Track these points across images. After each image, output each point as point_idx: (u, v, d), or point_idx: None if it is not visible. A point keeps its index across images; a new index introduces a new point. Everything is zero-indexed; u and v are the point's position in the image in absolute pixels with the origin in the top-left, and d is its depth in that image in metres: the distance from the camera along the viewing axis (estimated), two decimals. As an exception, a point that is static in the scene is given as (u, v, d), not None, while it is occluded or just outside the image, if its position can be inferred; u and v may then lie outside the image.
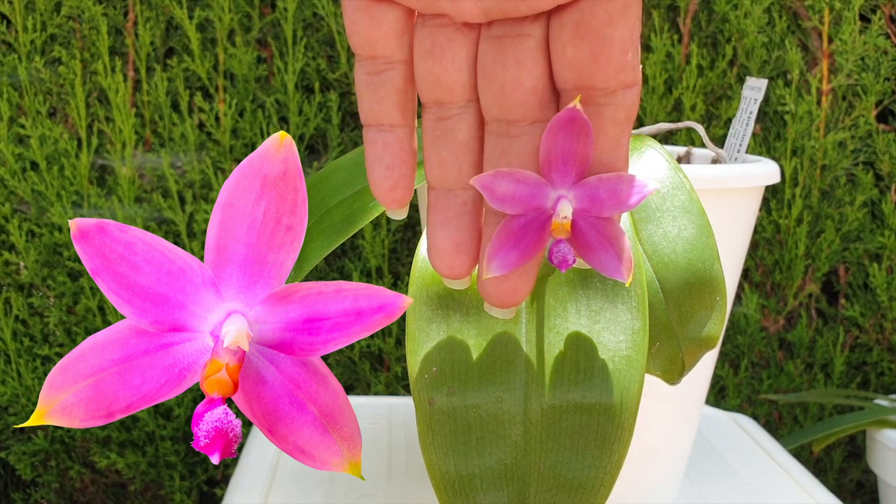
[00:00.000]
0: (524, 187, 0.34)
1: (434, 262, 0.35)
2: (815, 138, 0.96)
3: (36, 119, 0.95)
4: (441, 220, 0.35)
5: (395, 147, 0.35)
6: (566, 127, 0.33)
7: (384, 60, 0.35)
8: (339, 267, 0.99)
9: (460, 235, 0.35)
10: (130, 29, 0.97)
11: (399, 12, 0.34)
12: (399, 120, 0.35)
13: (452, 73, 0.35)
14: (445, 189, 0.35)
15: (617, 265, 0.34)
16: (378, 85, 0.35)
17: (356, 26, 0.35)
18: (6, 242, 0.97)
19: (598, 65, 0.33)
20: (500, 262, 0.34)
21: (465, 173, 0.35)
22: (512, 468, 0.36)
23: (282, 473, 0.64)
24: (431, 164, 0.35)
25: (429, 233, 0.35)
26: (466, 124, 0.35)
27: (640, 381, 0.36)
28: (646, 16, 0.98)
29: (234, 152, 0.97)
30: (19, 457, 0.99)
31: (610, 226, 0.34)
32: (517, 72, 0.34)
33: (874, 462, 0.90)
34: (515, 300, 0.35)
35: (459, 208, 0.35)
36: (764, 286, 1.01)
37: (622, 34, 0.33)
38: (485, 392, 0.36)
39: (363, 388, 1.00)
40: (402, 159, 0.35)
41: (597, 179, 0.34)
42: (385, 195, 0.35)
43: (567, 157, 0.33)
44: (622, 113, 0.34)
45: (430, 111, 0.35)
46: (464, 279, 0.36)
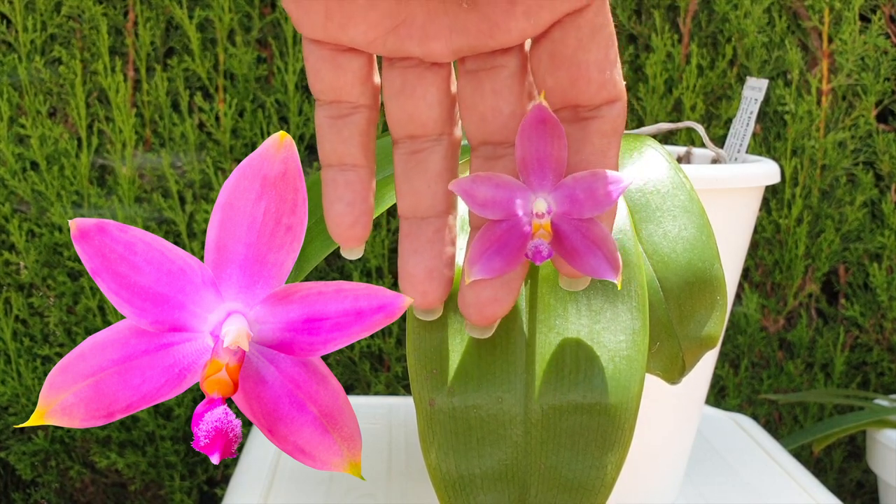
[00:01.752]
0: (503, 191, 0.34)
1: (406, 289, 0.35)
2: (815, 138, 0.96)
3: (36, 119, 0.95)
4: (414, 248, 0.35)
5: (357, 185, 0.35)
6: (537, 128, 0.33)
7: (349, 105, 0.35)
8: (339, 267, 0.99)
9: (433, 262, 0.35)
10: (130, 29, 0.97)
11: (363, 60, 0.35)
12: (362, 160, 0.35)
13: (424, 108, 0.35)
14: (418, 218, 0.35)
15: (606, 267, 0.34)
16: (342, 127, 0.35)
17: (320, 74, 0.35)
18: (6, 242, 0.97)
19: (577, 88, 0.34)
20: (482, 265, 0.34)
21: (438, 202, 0.35)
22: (512, 468, 0.36)
23: (282, 473, 0.64)
24: (404, 193, 0.36)
25: (400, 262, 0.35)
26: (439, 155, 0.35)
27: (640, 381, 0.36)
28: (646, 16, 0.98)
29: (234, 152, 0.97)
30: (19, 457, 0.99)
31: (594, 227, 0.34)
32: (495, 101, 0.35)
33: (874, 462, 0.90)
34: (495, 312, 0.35)
35: (432, 235, 0.35)
36: (764, 286, 1.01)
37: (597, 56, 0.33)
38: (485, 392, 0.36)
39: (363, 388, 1.00)
40: (362, 197, 0.35)
41: (572, 179, 0.34)
42: (345, 232, 0.35)
43: (542, 159, 0.33)
44: (608, 125, 0.34)
45: (403, 146, 0.36)
46: (435, 310, 0.36)
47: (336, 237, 0.35)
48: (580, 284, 0.36)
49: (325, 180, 0.35)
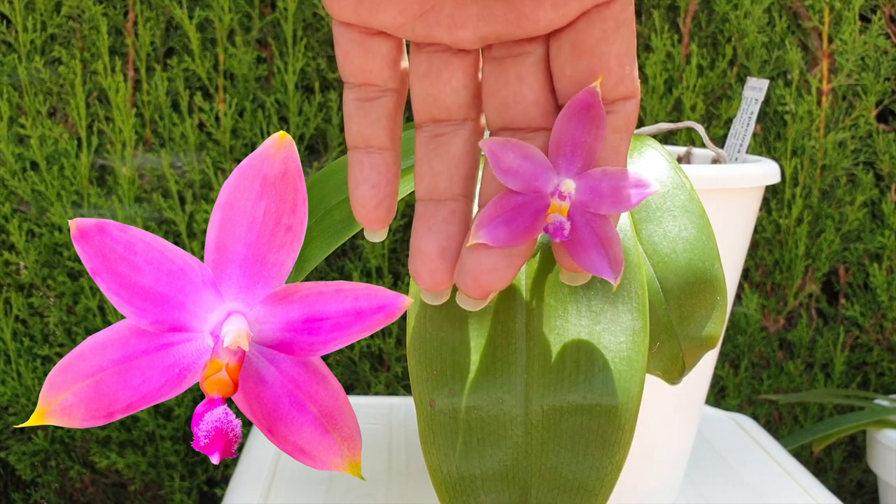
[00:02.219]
0: (529, 164, 0.34)
1: (417, 267, 0.35)
2: (815, 138, 0.96)
3: (36, 119, 0.95)
4: (428, 227, 0.35)
5: (382, 168, 0.35)
6: (581, 112, 0.33)
7: (377, 89, 0.35)
8: (339, 267, 0.99)
9: (447, 241, 0.35)
10: (130, 29, 0.97)
11: (392, 44, 0.35)
12: (388, 143, 0.35)
13: (449, 93, 0.35)
14: (435, 200, 0.35)
15: (606, 267, 0.34)
16: (370, 110, 0.35)
17: (350, 56, 0.35)
18: (6, 242, 0.97)
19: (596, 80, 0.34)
20: (489, 231, 0.33)
21: (456, 185, 0.35)
22: (513, 469, 0.36)
23: (282, 473, 0.63)
24: (423, 175, 0.36)
25: (413, 240, 0.35)
26: (462, 139, 0.36)
27: (640, 381, 0.36)
28: (646, 16, 0.98)
29: (234, 152, 0.97)
30: (19, 457, 0.99)
31: (605, 225, 0.34)
32: (519, 86, 0.35)
33: (874, 462, 0.90)
34: (491, 283, 0.34)
35: (448, 216, 0.35)
36: (764, 286, 1.01)
37: (618, 50, 0.34)
38: (485, 393, 0.36)
39: (363, 388, 1.00)
40: (387, 180, 0.35)
41: (601, 171, 0.34)
42: (370, 213, 0.35)
43: (576, 145, 0.33)
44: (622, 121, 0.34)
45: (426, 129, 0.36)
46: (442, 293, 0.35)
47: (360, 219, 0.35)
48: (581, 279, 0.36)
49: (352, 162, 0.36)
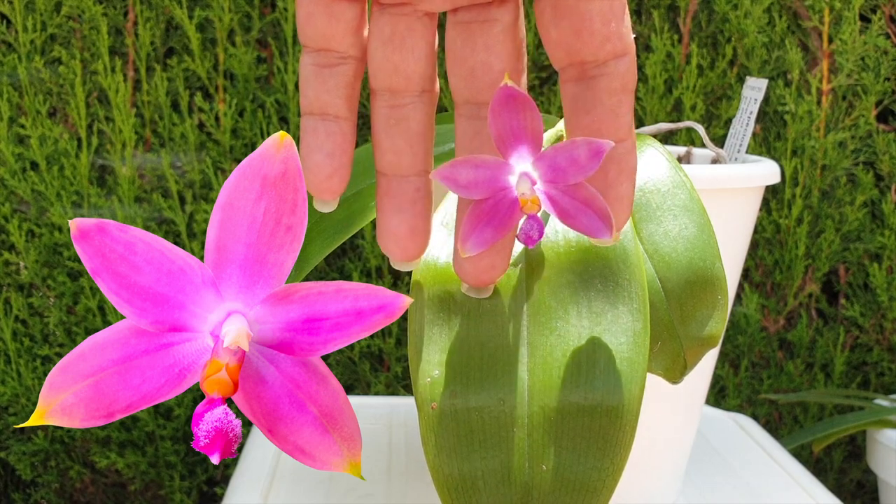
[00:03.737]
0: (484, 171, 0.34)
1: (388, 246, 0.36)
2: (815, 138, 0.96)
3: (36, 119, 0.95)
4: (396, 206, 0.35)
5: (338, 137, 0.35)
6: (506, 104, 0.33)
7: (337, 55, 0.35)
8: (339, 267, 0.99)
9: (415, 220, 0.35)
10: (130, 29, 0.97)
11: (357, 10, 0.34)
12: (345, 112, 0.35)
13: (411, 62, 0.35)
14: (399, 176, 0.35)
15: (599, 225, 0.34)
16: (328, 76, 0.35)
17: (312, 20, 0.34)
18: (6, 242, 0.97)
19: (581, 40, 0.33)
20: (474, 241, 0.34)
21: (419, 160, 0.35)
22: (515, 470, 0.36)
23: (282, 473, 0.63)
24: (384, 151, 0.35)
25: (380, 217, 0.36)
26: (421, 113, 0.35)
27: (641, 382, 0.36)
28: (646, 16, 0.98)
29: (234, 152, 0.97)
30: (19, 457, 0.99)
31: (582, 190, 0.34)
32: (486, 55, 0.34)
33: (874, 462, 0.90)
34: (493, 277, 0.36)
35: (413, 194, 0.35)
36: (764, 286, 1.01)
37: (600, 6, 0.33)
38: (487, 394, 0.36)
39: (363, 388, 1.00)
40: (343, 149, 0.35)
41: (552, 150, 0.34)
42: (322, 182, 0.35)
43: (518, 132, 0.33)
44: (617, 83, 0.34)
45: (383, 98, 0.35)
46: (415, 261, 0.36)
47: (312, 187, 0.35)
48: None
49: (305, 128, 0.35)
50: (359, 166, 0.45)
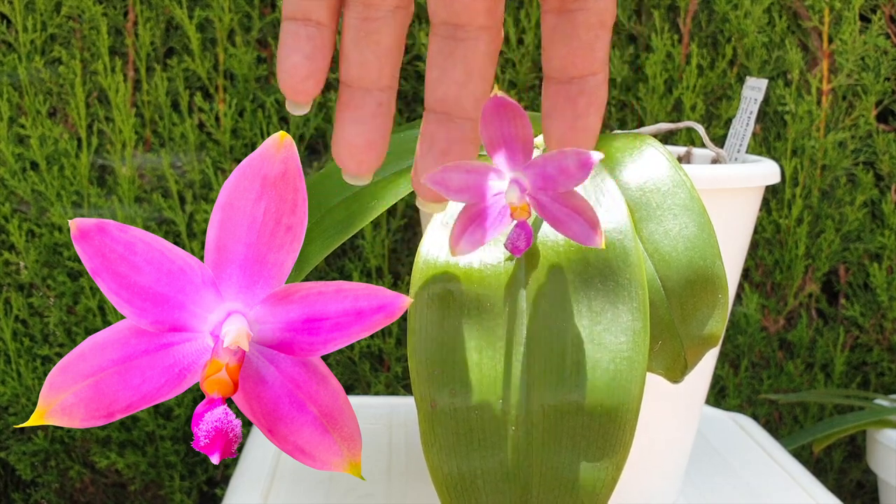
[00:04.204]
0: (475, 176, 0.35)
1: (343, 157, 0.35)
2: (815, 138, 0.96)
3: (36, 119, 0.95)
4: (356, 118, 0.35)
5: (318, 41, 0.35)
6: (498, 112, 0.34)
7: None
8: (339, 267, 0.99)
9: (373, 134, 0.35)
10: (130, 29, 0.97)
11: None
12: (327, 20, 0.35)
13: None
14: (363, 89, 0.35)
15: (588, 232, 0.35)
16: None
17: None
18: (6, 242, 0.97)
19: None
20: (466, 241, 0.36)
21: (385, 75, 0.35)
22: (514, 469, 0.36)
23: (282, 473, 0.63)
24: (351, 63, 0.35)
25: (338, 127, 0.35)
26: (392, 29, 0.35)
27: (641, 382, 0.36)
28: (646, 16, 0.98)
29: (234, 152, 0.97)
30: (19, 457, 0.99)
31: (571, 198, 0.35)
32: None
33: (874, 462, 0.90)
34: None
35: (375, 108, 0.35)
36: (764, 286, 1.01)
37: None
38: (487, 393, 0.36)
39: (363, 388, 1.00)
40: (323, 54, 0.35)
41: (542, 158, 0.34)
42: (298, 83, 0.35)
43: (508, 140, 0.34)
44: (594, 18, 0.34)
45: (356, 10, 0.35)
46: (367, 176, 0.36)
47: (286, 88, 0.35)
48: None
49: (285, 31, 0.35)
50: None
